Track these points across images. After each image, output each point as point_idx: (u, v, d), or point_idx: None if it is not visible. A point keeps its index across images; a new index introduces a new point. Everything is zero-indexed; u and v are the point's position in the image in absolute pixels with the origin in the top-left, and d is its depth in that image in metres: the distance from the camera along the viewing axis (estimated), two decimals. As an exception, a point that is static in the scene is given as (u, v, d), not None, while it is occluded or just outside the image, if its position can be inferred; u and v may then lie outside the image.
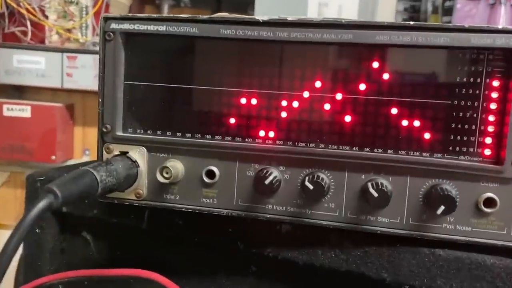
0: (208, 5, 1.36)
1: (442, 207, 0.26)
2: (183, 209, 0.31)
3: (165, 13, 1.34)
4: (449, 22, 1.15)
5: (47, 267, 0.39)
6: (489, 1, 1.09)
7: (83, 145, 1.49)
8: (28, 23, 1.39)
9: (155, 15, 0.31)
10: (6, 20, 1.38)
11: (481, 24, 0.28)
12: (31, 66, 1.36)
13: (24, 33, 1.40)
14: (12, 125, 1.39)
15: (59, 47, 1.38)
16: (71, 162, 1.49)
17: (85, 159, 1.50)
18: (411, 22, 0.27)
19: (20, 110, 1.39)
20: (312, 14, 1.21)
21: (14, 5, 1.36)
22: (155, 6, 1.35)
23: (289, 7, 1.18)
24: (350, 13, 1.25)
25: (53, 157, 1.39)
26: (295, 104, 0.30)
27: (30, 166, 1.48)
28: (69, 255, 0.40)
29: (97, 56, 1.09)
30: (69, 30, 1.40)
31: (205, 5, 1.34)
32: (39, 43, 1.40)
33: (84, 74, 1.35)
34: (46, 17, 1.40)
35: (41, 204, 0.24)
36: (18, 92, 1.43)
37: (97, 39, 1.39)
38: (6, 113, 1.39)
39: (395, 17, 1.30)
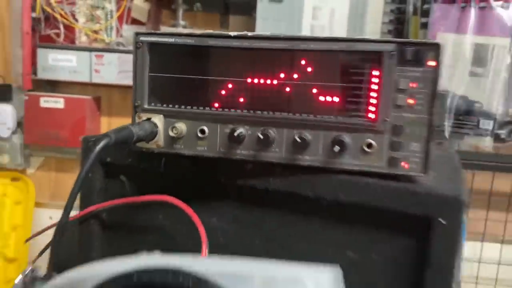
0: (217, 9, 1.53)
1: (337, 147, 0.44)
2: (186, 154, 0.50)
3: (180, 16, 1.51)
4: (427, 22, 1.30)
5: (96, 201, 0.58)
6: (461, 4, 1.25)
7: (108, 133, 1.69)
8: (61, 26, 1.59)
9: (168, 31, 0.49)
10: (43, 24, 1.58)
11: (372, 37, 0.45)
12: (64, 63, 1.56)
13: (58, 35, 1.59)
14: (48, 115, 1.59)
15: (88, 47, 1.57)
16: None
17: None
18: (321, 36, 0.45)
19: (55, 102, 1.59)
20: (307, 16, 1.37)
21: (50, 11, 1.56)
22: (171, 11, 1.52)
23: (287, 10, 1.35)
24: (342, 15, 1.41)
25: (83, 142, 1.59)
26: (255, 86, 0.47)
27: (62, 151, 1.69)
28: (111, 193, 0.58)
29: (121, 55, 1.31)
30: (96, 32, 1.59)
31: (214, 9, 1.52)
32: (70, 44, 1.60)
33: (110, 70, 1.54)
34: (76, 20, 1.59)
35: (103, 142, 0.42)
36: (53, 86, 1.63)
37: (120, 39, 1.58)
38: (42, 104, 1.59)
39: (382, 18, 1.46)
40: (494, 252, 1.54)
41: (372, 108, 0.45)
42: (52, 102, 1.59)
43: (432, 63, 0.43)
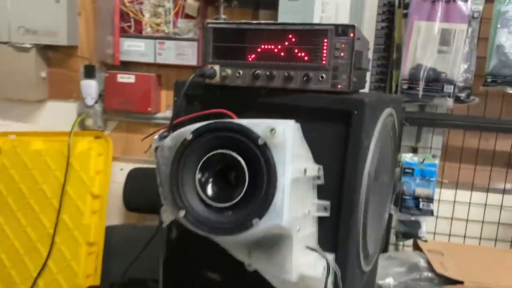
0: (250, 5, 1.99)
1: (306, 78, 0.89)
2: (231, 85, 0.96)
3: (221, 11, 1.98)
4: (407, 13, 1.71)
5: (181, 116, 1.05)
6: (432, -1, 1.65)
7: (166, 102, 2.18)
8: (132, 20, 2.09)
9: (221, 21, 0.94)
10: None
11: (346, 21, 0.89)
12: (135, 49, 2.06)
13: (129, 27, 2.10)
14: (122, 88, 2.10)
15: (152, 36, 2.06)
16: (160, 113, 2.18)
17: (168, 112, 2.19)
18: (296, 22, 0.90)
19: (128, 78, 2.09)
20: (318, 10, 1.80)
21: (124, 9, 2.06)
22: (215, 7, 1.99)
23: (302, 5, 1.78)
24: (345, 8, 1.84)
25: (149, 109, 2.09)
26: (266, 49, 0.93)
27: (132, 117, 2.19)
28: (189, 113, 1.05)
29: (177, 42, 1.91)
30: (158, 25, 2.09)
31: (248, 6, 1.98)
32: (139, 33, 2.10)
33: (169, 54, 2.03)
34: (143, 15, 2.09)
35: (193, 74, 0.89)
36: (126, 66, 2.14)
37: (176, 30, 2.06)
38: (118, 80, 2.10)
39: (377, 10, 1.87)
40: (465, 196, 1.94)
41: (324, 58, 0.90)
42: (126, 78, 2.09)
43: (351, 35, 0.87)
